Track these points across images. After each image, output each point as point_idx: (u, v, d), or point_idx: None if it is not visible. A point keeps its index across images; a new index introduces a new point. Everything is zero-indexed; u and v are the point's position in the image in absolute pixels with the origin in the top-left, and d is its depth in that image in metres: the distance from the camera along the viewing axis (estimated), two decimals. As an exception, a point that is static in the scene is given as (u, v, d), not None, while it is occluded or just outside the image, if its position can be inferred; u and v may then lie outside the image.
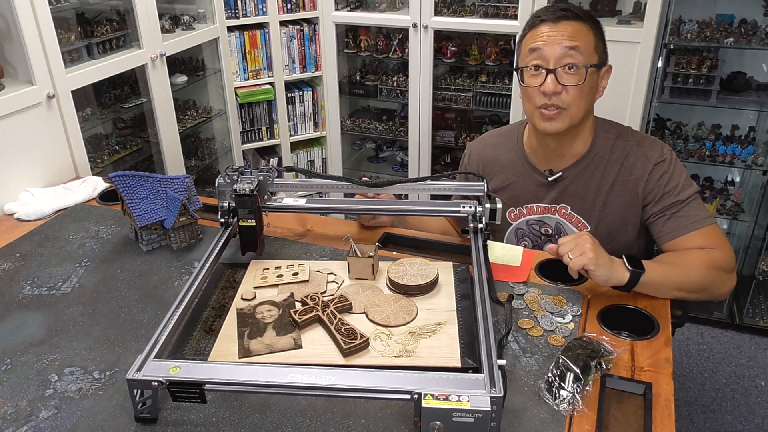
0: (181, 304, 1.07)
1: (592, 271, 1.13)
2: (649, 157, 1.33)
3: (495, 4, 2.55)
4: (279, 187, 1.37)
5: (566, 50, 1.24)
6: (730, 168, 2.49)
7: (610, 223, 1.37)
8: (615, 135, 1.38)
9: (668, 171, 1.32)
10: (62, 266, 1.35)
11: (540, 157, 1.42)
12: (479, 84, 2.80)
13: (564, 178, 1.39)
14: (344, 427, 0.92)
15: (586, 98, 1.28)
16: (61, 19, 1.98)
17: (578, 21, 1.27)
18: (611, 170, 1.36)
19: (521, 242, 1.50)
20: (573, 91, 1.26)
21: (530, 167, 1.43)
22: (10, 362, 1.07)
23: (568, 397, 0.94)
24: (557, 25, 1.26)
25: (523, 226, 1.48)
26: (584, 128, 1.36)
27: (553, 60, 1.25)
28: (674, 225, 1.29)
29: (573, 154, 1.38)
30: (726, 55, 2.39)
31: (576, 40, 1.25)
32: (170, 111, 2.39)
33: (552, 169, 1.40)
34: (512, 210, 1.47)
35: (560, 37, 1.25)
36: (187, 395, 0.90)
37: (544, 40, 1.26)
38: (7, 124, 1.63)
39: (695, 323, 2.55)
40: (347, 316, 1.12)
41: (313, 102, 3.02)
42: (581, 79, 1.25)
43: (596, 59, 1.28)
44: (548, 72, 1.25)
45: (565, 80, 1.25)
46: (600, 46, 1.30)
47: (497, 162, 1.49)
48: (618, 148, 1.36)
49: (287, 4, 2.78)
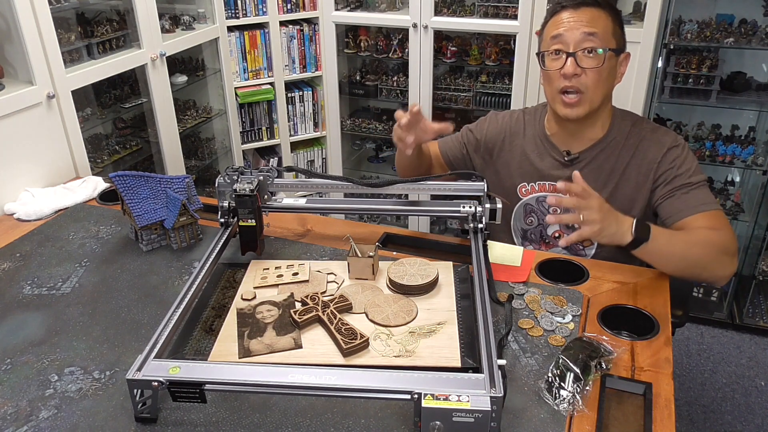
0: (181, 304, 1.07)
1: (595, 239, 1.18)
2: (663, 143, 1.38)
3: (495, 4, 2.55)
4: (279, 187, 1.37)
5: (585, 35, 1.30)
6: (730, 168, 2.49)
7: (618, 206, 1.39)
8: (631, 122, 1.43)
9: (681, 155, 1.37)
10: (62, 266, 1.35)
11: (559, 139, 1.46)
12: (479, 84, 2.80)
13: (580, 160, 1.43)
14: (344, 427, 0.92)
15: (605, 82, 1.33)
16: (61, 19, 1.98)
17: (598, 8, 1.32)
18: (625, 154, 1.40)
19: (528, 218, 1.53)
20: (592, 74, 1.31)
21: (549, 146, 1.47)
22: (10, 362, 1.07)
23: (568, 397, 0.94)
24: (577, 12, 1.32)
25: (533, 202, 1.51)
26: (602, 113, 1.40)
27: (573, 44, 1.30)
28: (682, 205, 1.33)
29: (591, 138, 1.42)
30: (726, 55, 2.39)
31: (595, 26, 1.30)
32: (170, 111, 2.39)
33: (569, 151, 1.44)
34: (524, 185, 1.50)
35: (580, 23, 1.31)
36: (187, 395, 0.90)
37: (565, 26, 1.32)
38: (7, 124, 1.63)
39: (695, 323, 2.55)
40: (347, 316, 1.12)
41: (313, 102, 3.02)
42: (600, 62, 1.30)
43: (614, 44, 1.33)
44: (568, 55, 1.31)
45: (585, 63, 1.30)
46: (618, 32, 1.35)
47: (519, 135, 1.53)
48: (633, 134, 1.41)
49: (287, 4, 2.78)
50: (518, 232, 1.55)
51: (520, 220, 1.53)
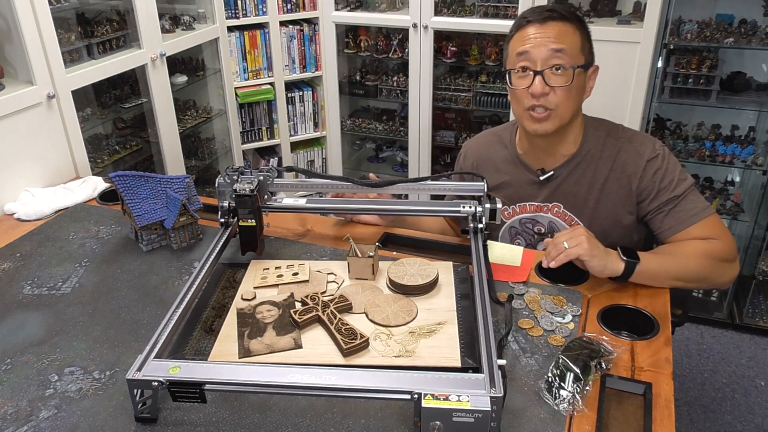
0: (181, 304, 1.07)
1: (587, 261, 1.16)
2: (642, 153, 1.34)
3: (495, 4, 2.55)
4: (279, 187, 1.37)
5: (553, 52, 1.25)
6: (730, 168, 2.49)
7: (603, 220, 1.39)
8: (605, 133, 1.39)
9: (662, 167, 1.32)
10: (62, 266, 1.35)
11: (532, 157, 1.43)
12: (479, 84, 2.80)
13: (556, 176, 1.40)
14: (344, 427, 0.92)
15: (574, 99, 1.30)
16: (61, 19, 1.98)
17: (565, 22, 1.27)
18: (603, 168, 1.37)
19: (515, 241, 1.51)
20: (561, 92, 1.27)
21: (523, 166, 1.44)
22: (10, 362, 1.07)
23: (568, 397, 0.94)
24: (544, 27, 1.27)
25: (517, 224, 1.48)
26: (573, 127, 1.37)
27: (540, 62, 1.26)
28: (673, 221, 1.30)
29: (563, 153, 1.39)
30: (726, 55, 2.39)
31: (562, 42, 1.26)
32: (170, 111, 2.39)
33: (544, 168, 1.41)
34: (506, 208, 1.48)
35: (547, 39, 1.26)
36: (187, 395, 0.90)
37: (531, 43, 1.27)
38: (7, 124, 1.63)
39: (695, 323, 2.55)
40: (347, 316, 1.12)
41: (313, 102, 3.02)
42: (568, 80, 1.26)
43: (583, 60, 1.29)
44: (536, 74, 1.26)
45: (553, 81, 1.26)
46: (586, 46, 1.31)
47: (491, 161, 1.50)
48: (609, 145, 1.37)
49: (287, 4, 2.78)
50: None
51: (506, 242, 1.51)
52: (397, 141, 3.18)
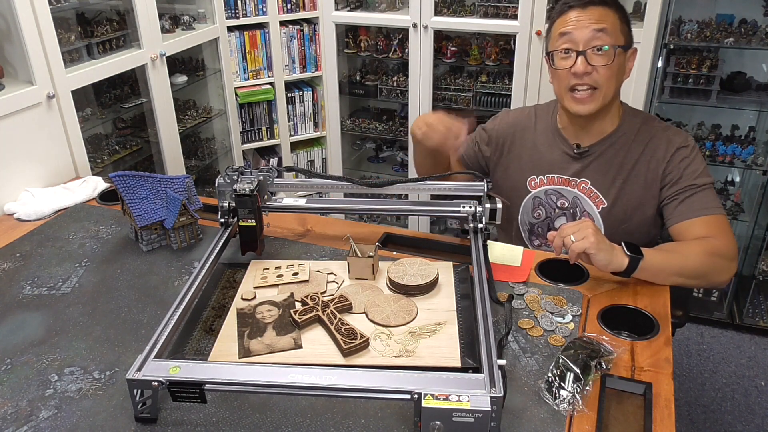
0: (181, 304, 1.07)
1: (592, 255, 1.17)
2: (673, 141, 1.39)
3: (495, 4, 2.55)
4: (279, 187, 1.38)
5: (594, 33, 1.31)
6: (730, 168, 2.49)
7: (627, 202, 1.42)
8: (642, 120, 1.45)
9: (689, 156, 1.38)
10: (62, 266, 1.35)
11: (570, 132, 1.48)
12: (479, 84, 2.80)
13: (590, 153, 1.44)
14: (344, 427, 0.92)
15: (616, 77, 1.35)
16: (61, 19, 1.98)
17: (604, 6, 1.34)
18: (635, 150, 1.41)
19: (536, 211, 1.53)
20: (603, 71, 1.32)
21: (560, 138, 1.49)
22: (10, 362, 1.07)
23: (568, 397, 0.94)
24: (585, 11, 1.33)
25: (542, 195, 1.51)
26: (612, 108, 1.42)
27: (583, 42, 1.32)
28: (684, 208, 1.34)
29: (601, 132, 1.44)
30: (726, 55, 2.39)
31: (603, 23, 1.32)
32: (170, 111, 2.39)
33: (580, 144, 1.45)
34: (533, 178, 1.51)
35: (588, 21, 1.32)
36: (187, 395, 0.90)
37: (573, 25, 1.33)
38: (7, 124, 1.63)
39: (695, 323, 2.55)
40: (347, 316, 1.12)
41: (313, 102, 3.02)
42: (610, 59, 1.32)
43: (623, 41, 1.35)
44: (578, 54, 1.32)
45: (595, 61, 1.32)
46: (625, 29, 1.37)
47: (529, 128, 1.54)
48: (644, 131, 1.42)
49: (287, 4, 2.78)
50: (525, 226, 1.56)
51: (528, 213, 1.54)
52: (397, 141, 3.18)
